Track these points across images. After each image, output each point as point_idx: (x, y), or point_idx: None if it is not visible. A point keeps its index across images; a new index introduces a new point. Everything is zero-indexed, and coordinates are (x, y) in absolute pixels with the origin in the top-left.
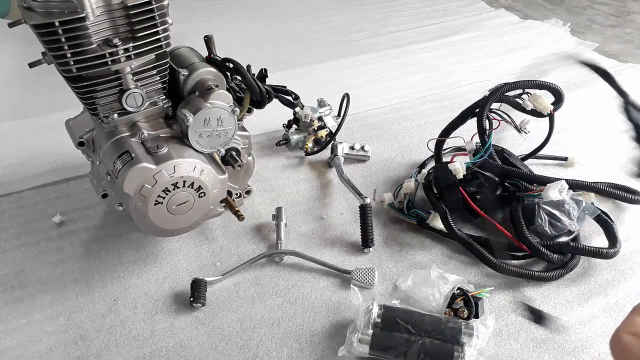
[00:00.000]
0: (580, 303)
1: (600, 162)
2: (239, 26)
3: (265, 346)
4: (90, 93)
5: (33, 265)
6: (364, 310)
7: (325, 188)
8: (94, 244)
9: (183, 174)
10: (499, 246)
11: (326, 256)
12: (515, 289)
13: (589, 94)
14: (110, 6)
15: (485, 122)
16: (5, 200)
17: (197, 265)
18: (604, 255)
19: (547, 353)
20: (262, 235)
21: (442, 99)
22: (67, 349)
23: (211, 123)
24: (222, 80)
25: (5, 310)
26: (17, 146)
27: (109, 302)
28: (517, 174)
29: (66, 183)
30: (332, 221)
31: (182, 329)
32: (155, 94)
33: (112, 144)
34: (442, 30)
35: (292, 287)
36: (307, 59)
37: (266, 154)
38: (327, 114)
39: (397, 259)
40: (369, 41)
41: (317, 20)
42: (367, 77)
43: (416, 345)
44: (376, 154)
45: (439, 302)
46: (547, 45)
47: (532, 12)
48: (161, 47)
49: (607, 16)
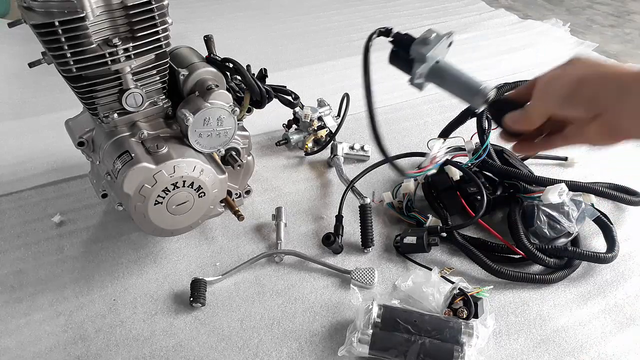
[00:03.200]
0: (580, 304)
1: (600, 162)
2: (239, 26)
3: (265, 346)
4: (90, 93)
5: (33, 265)
6: (363, 310)
7: (325, 188)
8: (94, 244)
9: (183, 174)
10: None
11: (326, 256)
12: (515, 289)
13: None
14: (110, 6)
15: (484, 122)
16: (5, 200)
17: (197, 265)
18: (601, 260)
19: (547, 353)
20: (262, 235)
21: (442, 98)
22: (67, 349)
23: (211, 123)
24: (222, 80)
25: (5, 311)
26: (17, 146)
27: (108, 302)
28: (517, 175)
29: (66, 183)
30: (332, 221)
31: (182, 329)
32: (155, 94)
33: (112, 144)
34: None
35: (291, 287)
36: (307, 59)
37: (266, 154)
38: (327, 114)
39: (397, 259)
40: None
41: (317, 20)
42: None
43: (416, 345)
44: (376, 154)
45: (439, 302)
46: (547, 45)
47: (532, 12)
48: (161, 47)
49: (607, 16)
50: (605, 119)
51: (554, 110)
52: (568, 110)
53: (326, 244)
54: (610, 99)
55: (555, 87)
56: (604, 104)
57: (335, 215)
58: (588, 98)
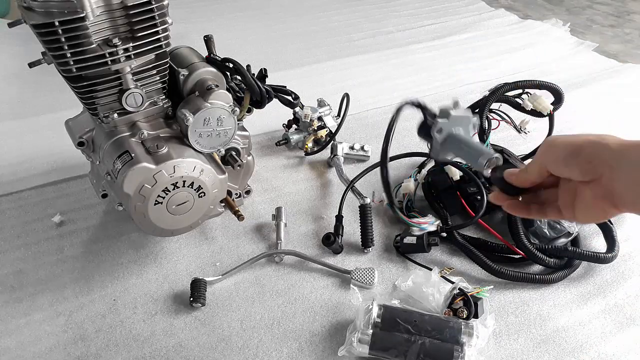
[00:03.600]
0: (580, 304)
1: None
2: (239, 26)
3: (265, 346)
4: (90, 93)
5: (33, 265)
6: (363, 310)
7: (325, 188)
8: (94, 244)
9: (183, 174)
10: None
11: (326, 256)
12: (515, 289)
13: (589, 94)
14: (110, 6)
15: (484, 122)
16: (5, 200)
17: (197, 265)
18: (601, 260)
19: (547, 353)
20: (262, 235)
21: (442, 99)
22: (67, 349)
23: (211, 123)
24: (221, 80)
25: (5, 311)
26: (17, 146)
27: (108, 302)
28: None
29: (66, 183)
30: (332, 221)
31: (182, 329)
32: (155, 94)
33: (112, 144)
34: (441, 30)
35: (292, 287)
36: (307, 59)
37: (266, 154)
38: (327, 113)
39: (397, 259)
40: (368, 41)
41: (317, 20)
42: (367, 77)
43: (416, 345)
44: (376, 154)
45: (439, 302)
46: (547, 45)
47: (532, 12)
48: (161, 47)
49: (607, 16)
50: (599, 183)
51: (552, 168)
52: (565, 170)
53: (326, 244)
54: (606, 162)
55: (558, 146)
56: (601, 168)
57: (335, 215)
58: (585, 160)
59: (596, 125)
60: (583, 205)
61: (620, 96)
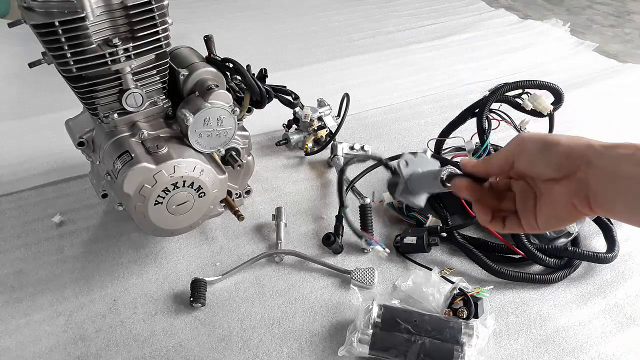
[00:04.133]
0: (580, 304)
1: None
2: (239, 26)
3: (265, 346)
4: (90, 93)
5: (33, 265)
6: (363, 310)
7: (325, 188)
8: (94, 244)
9: (183, 174)
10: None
11: (326, 256)
12: (515, 289)
13: (589, 94)
14: (110, 6)
15: (484, 122)
16: (5, 200)
17: (197, 265)
18: (601, 260)
19: (547, 353)
20: (262, 235)
21: (442, 99)
22: (67, 349)
23: (211, 123)
24: (222, 80)
25: (5, 311)
26: (17, 146)
27: (108, 302)
28: None
29: (66, 183)
30: (332, 221)
31: (182, 329)
32: (155, 94)
33: (112, 144)
34: (441, 30)
35: (292, 287)
36: (307, 59)
37: (266, 154)
38: (327, 113)
39: (397, 259)
40: (368, 41)
41: (317, 20)
42: (367, 77)
43: (416, 345)
44: (376, 154)
45: (439, 302)
46: (547, 45)
47: (532, 12)
48: (161, 47)
49: (607, 16)
50: (572, 179)
51: (522, 162)
52: (539, 164)
53: (326, 244)
54: (585, 157)
55: (533, 141)
56: (578, 162)
57: (335, 215)
58: (564, 153)
59: (596, 125)
60: (548, 207)
61: (620, 96)
